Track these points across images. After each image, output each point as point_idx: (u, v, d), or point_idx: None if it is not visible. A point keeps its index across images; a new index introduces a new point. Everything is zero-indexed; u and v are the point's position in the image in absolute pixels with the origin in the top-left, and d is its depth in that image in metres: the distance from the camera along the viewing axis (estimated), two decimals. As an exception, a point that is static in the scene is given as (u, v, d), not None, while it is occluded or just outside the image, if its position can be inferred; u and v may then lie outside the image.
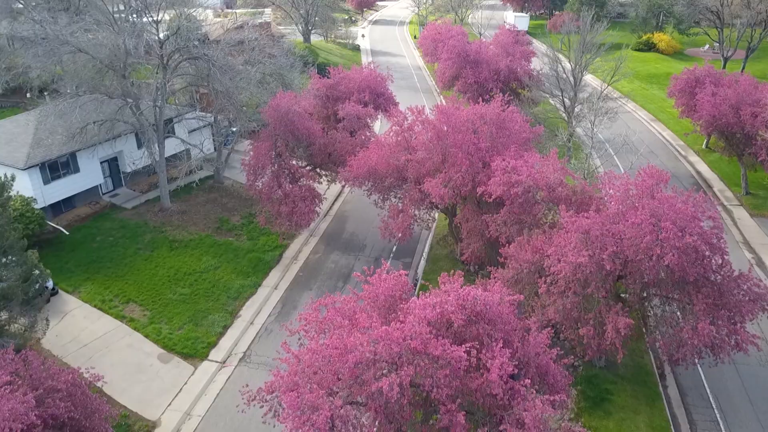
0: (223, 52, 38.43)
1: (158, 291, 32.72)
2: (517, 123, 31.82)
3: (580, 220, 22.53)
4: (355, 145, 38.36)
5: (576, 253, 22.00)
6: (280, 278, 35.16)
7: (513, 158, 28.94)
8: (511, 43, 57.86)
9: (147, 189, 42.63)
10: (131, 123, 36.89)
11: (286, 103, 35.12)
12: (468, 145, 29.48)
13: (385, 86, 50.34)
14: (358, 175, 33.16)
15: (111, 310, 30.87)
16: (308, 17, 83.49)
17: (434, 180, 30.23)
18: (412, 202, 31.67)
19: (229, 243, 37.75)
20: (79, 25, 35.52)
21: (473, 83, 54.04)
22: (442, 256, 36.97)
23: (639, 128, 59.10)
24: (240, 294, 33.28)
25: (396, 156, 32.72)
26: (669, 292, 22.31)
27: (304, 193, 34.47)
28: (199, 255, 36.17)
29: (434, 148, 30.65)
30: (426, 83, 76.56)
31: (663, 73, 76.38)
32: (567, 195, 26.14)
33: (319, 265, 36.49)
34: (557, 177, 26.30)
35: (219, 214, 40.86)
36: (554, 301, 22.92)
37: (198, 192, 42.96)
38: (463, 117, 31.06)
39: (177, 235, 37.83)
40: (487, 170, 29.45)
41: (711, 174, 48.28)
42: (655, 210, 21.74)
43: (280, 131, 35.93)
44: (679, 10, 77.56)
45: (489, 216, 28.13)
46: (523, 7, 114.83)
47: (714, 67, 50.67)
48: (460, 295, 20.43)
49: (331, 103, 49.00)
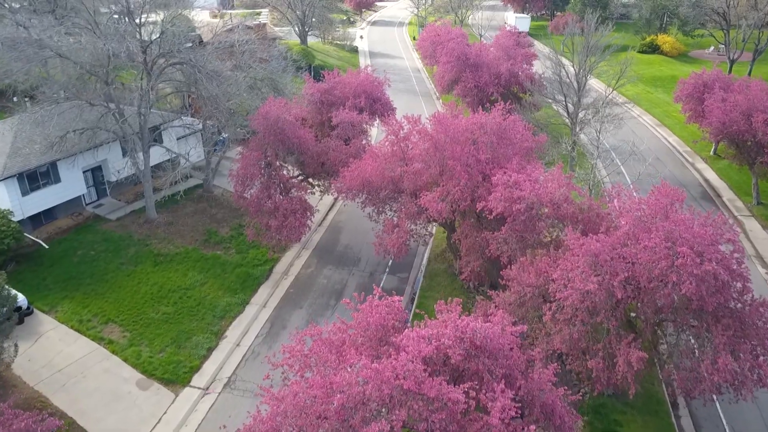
0: (211, 57, 36.73)
1: (140, 310, 30.96)
2: (518, 132, 30.06)
3: (588, 243, 20.77)
4: (350, 154, 36.66)
5: (584, 278, 20.25)
6: (270, 295, 33.41)
7: (515, 171, 27.22)
8: (512, 45, 56.11)
9: (133, 199, 40.87)
10: (114, 131, 35.09)
11: (275, 110, 33.37)
12: (467, 157, 27.74)
13: (382, 91, 48.61)
14: (351, 186, 31.43)
15: (88, 332, 29.10)
16: (305, 19, 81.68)
17: (431, 194, 28.49)
18: (408, 216, 29.93)
19: (216, 257, 35.99)
20: (57, 29, 33.69)
21: (473, 87, 52.28)
22: (440, 271, 35.21)
23: (644, 134, 57.36)
24: (226, 313, 31.52)
25: (391, 167, 30.99)
26: (685, 321, 20.54)
27: (295, 205, 32.72)
28: (184, 270, 34.41)
29: (431, 160, 28.91)
30: (425, 86, 74.84)
31: (667, 76, 74.69)
32: (573, 212, 24.40)
33: (310, 281, 34.72)
34: (562, 193, 24.55)
35: (207, 225, 39.09)
36: (560, 330, 21.17)
37: (186, 202, 41.18)
38: (461, 126, 29.31)
39: (162, 249, 36.07)
40: (488, 184, 27.72)
41: (720, 182, 46.52)
42: (670, 232, 19.99)
43: (270, 140, 34.19)
44: (684, 11, 75.76)
45: (489, 233, 26.38)
46: (524, 8, 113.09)
47: (722, 71, 48.90)
48: (458, 326, 18.70)
49: (325, 109, 47.27)
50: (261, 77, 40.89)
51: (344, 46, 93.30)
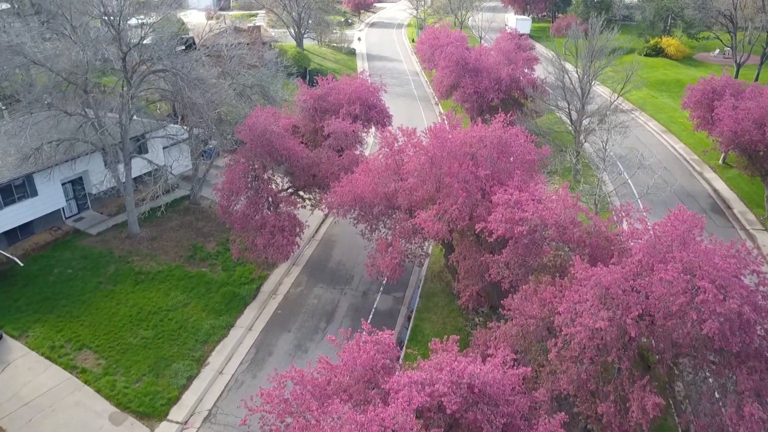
0: (197, 64, 34.82)
1: (117, 334, 29.06)
2: (520, 145, 28.16)
3: (598, 274, 18.86)
4: (343, 165, 34.78)
5: (593, 313, 18.35)
6: (256, 317, 31.50)
7: (516, 188, 25.33)
8: (512, 49, 54.19)
9: (115, 212, 38.97)
10: (93, 142, 33.19)
11: (263, 121, 31.46)
12: (465, 174, 25.83)
13: (378, 97, 46.67)
14: (342, 202, 29.53)
15: (60, 359, 27.20)
16: (300, 21, 79.75)
17: (427, 212, 26.59)
18: (403, 234, 28.03)
19: (201, 275, 34.07)
20: (32, 34, 31.79)
21: (473, 93, 50.37)
22: (438, 291, 33.28)
23: (650, 140, 55.44)
24: (209, 337, 29.61)
25: (385, 182, 29.10)
26: (705, 360, 18.63)
27: (283, 221, 30.81)
28: (166, 289, 32.51)
29: (427, 176, 27.01)
30: (423, 90, 72.91)
31: (672, 79, 72.77)
32: (580, 236, 22.49)
33: (300, 301, 32.80)
34: (568, 214, 22.64)
35: (193, 240, 37.18)
36: (567, 369, 19.26)
37: (171, 214, 39.29)
38: (459, 140, 27.43)
39: (144, 266, 34.16)
40: (487, 202, 25.83)
41: (730, 193, 44.57)
42: (689, 264, 18.09)
43: (257, 152, 32.27)
44: (689, 13, 73.77)
45: (489, 255, 24.47)
46: (525, 10, 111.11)
47: (732, 77, 46.94)
48: (455, 370, 16.81)
49: (318, 116, 45.33)
50: (250, 84, 38.95)
51: (341, 49, 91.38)
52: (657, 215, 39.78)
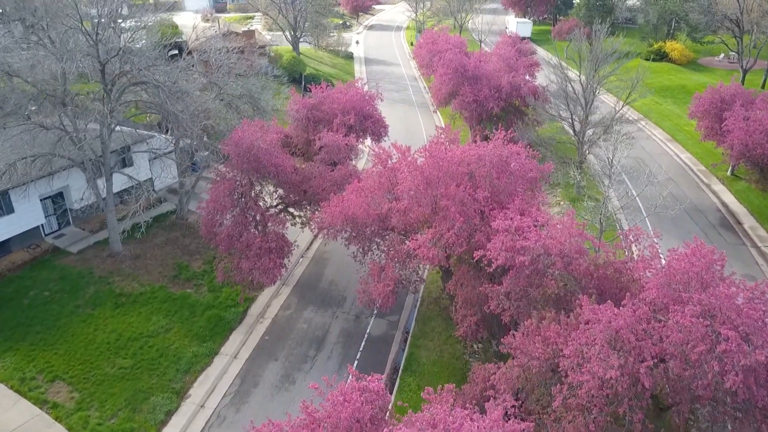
0: (183, 73, 33.09)
1: (93, 364, 27.35)
2: (521, 164, 26.44)
3: (608, 316, 17.13)
4: (335, 181, 33.10)
5: (602, 360, 16.63)
6: (242, 343, 29.79)
7: (518, 212, 23.62)
8: (513, 56, 52.45)
9: (98, 228, 37.24)
10: (71, 158, 31.47)
11: (249, 136, 29.73)
12: (462, 196, 24.11)
13: (374, 106, 44.99)
14: (333, 223, 27.80)
15: (31, 393, 25.47)
16: (296, 24, 78.02)
17: (422, 237, 24.87)
18: (397, 259, 26.30)
19: (186, 296, 32.36)
20: (9, 41, 30.10)
21: (472, 102, 48.63)
22: (435, 315, 31.55)
23: (655, 150, 53.72)
24: (192, 366, 27.90)
25: (378, 201, 27.40)
26: (727, 412, 16.91)
27: (270, 243, 29.07)
28: (148, 313, 30.79)
29: (422, 197, 25.27)
30: (422, 96, 71.18)
31: (677, 85, 71.03)
32: (587, 268, 20.77)
33: (289, 325, 31.10)
34: (574, 243, 20.92)
35: (178, 258, 35.48)
36: (573, 418, 17.53)
37: (157, 230, 37.56)
38: (456, 158, 25.69)
39: (125, 287, 32.45)
40: (486, 226, 24.11)
41: (739, 207, 42.80)
42: (708, 307, 16.37)
43: (244, 168, 30.55)
44: (694, 17, 72.06)
45: (489, 285, 22.74)
46: (526, 12, 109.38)
47: (741, 85, 45.23)
48: (450, 428, 15.07)
49: (311, 126, 43.70)
50: (239, 94, 37.22)
51: (339, 53, 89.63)
52: (666, 232, 38.22)
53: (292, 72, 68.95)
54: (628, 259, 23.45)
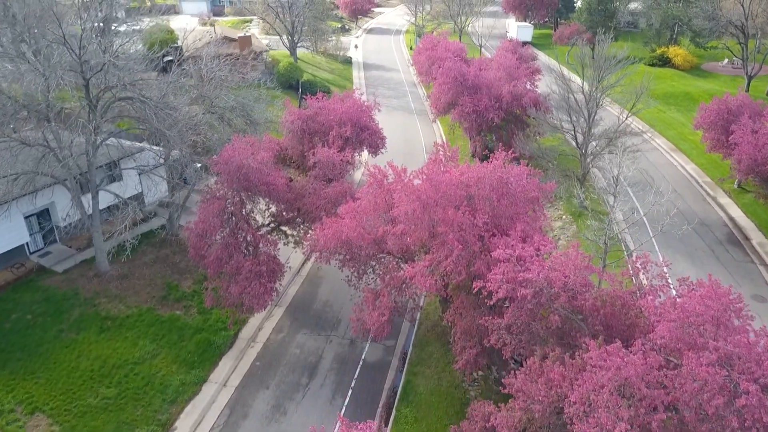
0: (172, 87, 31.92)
1: (75, 394, 26.17)
2: (522, 186, 25.26)
3: (616, 363, 15.92)
4: (330, 198, 31.92)
5: (610, 410, 15.43)
6: (232, 369, 28.63)
7: (519, 239, 22.45)
8: (514, 64, 51.23)
9: (85, 245, 36.01)
10: (54, 176, 30.28)
11: (240, 154, 28.52)
12: (461, 221, 22.92)
13: (371, 117, 43.88)
14: (326, 246, 26.61)
15: (8, 427, 24.30)
16: (294, 30, 76.80)
17: (418, 264, 23.70)
18: (393, 285, 25.11)
19: (174, 319, 31.18)
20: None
21: (471, 112, 47.44)
22: (433, 339, 30.33)
23: (659, 160, 52.47)
24: (179, 395, 26.73)
25: (373, 223, 26.22)
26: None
27: (261, 266, 27.86)
28: (135, 338, 29.61)
29: (419, 222, 24.08)
30: (421, 103, 69.89)
31: (681, 92, 69.82)
32: (593, 303, 19.58)
33: (281, 351, 29.90)
34: (579, 276, 19.72)
35: (168, 277, 34.29)
36: (579, 470, 16.33)
37: (146, 247, 36.37)
38: (454, 180, 24.50)
39: (111, 310, 31.26)
40: (486, 253, 22.94)
41: (747, 221, 41.57)
42: (725, 355, 15.17)
43: (234, 187, 29.36)
44: (698, 23, 70.83)
45: (489, 318, 21.54)
46: (527, 16, 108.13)
47: (749, 96, 44.03)
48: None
49: (307, 139, 42.58)
50: (231, 107, 36.04)
51: (337, 57, 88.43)
52: (672, 248, 37.02)
53: (289, 79, 67.84)
54: (635, 287, 22.25)
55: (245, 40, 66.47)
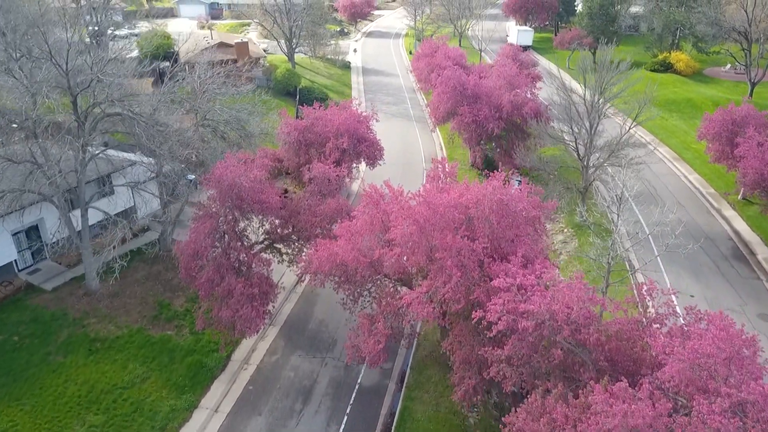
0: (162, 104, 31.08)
1: (62, 422, 25.33)
2: (523, 207, 24.41)
3: (623, 410, 15.07)
4: (326, 215, 31.10)
5: (618, 458, 14.59)
6: (224, 393, 27.78)
7: (521, 264, 21.63)
8: (514, 73, 50.36)
9: (75, 262, 35.15)
10: (42, 193, 29.42)
11: (232, 173, 27.66)
12: (460, 247, 22.08)
13: (369, 128, 43.14)
14: (321, 269, 25.77)
15: (-9, 458, 23.55)
16: (291, 35, 75.92)
17: (415, 290, 22.86)
18: (389, 310, 24.25)
19: (165, 340, 30.35)
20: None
21: (471, 122, 46.60)
22: (431, 362, 29.44)
23: (661, 170, 51.62)
24: (168, 422, 25.90)
25: (369, 245, 25.36)
26: None
27: (253, 288, 27.01)
28: (124, 361, 28.77)
29: (416, 246, 23.25)
30: (420, 110, 69.00)
31: (683, 98, 68.95)
32: (598, 338, 18.72)
33: (274, 374, 29.05)
34: (583, 309, 18.86)
35: (159, 296, 33.45)
36: None
37: (138, 263, 35.53)
38: (452, 201, 23.64)
39: (101, 331, 30.42)
40: (486, 279, 22.11)
41: (752, 236, 40.69)
42: (739, 402, 14.31)
43: (227, 205, 28.51)
44: (701, 29, 69.94)
45: (489, 349, 20.69)
46: (527, 20, 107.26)
47: (755, 107, 43.16)
48: None
49: (303, 150, 41.86)
50: (225, 119, 35.21)
51: (335, 62, 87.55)
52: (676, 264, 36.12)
53: (286, 85, 67.00)
54: (641, 315, 21.40)
55: (242, 46, 65.62)
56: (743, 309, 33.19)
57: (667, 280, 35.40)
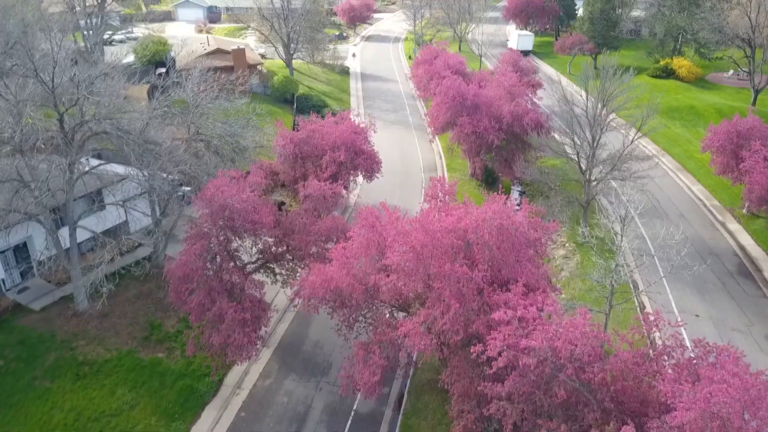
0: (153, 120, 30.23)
1: (46, 452, 24.51)
2: (524, 233, 23.55)
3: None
4: (321, 234, 30.29)
5: None
6: (215, 421, 26.93)
7: (522, 293, 20.78)
8: (515, 82, 49.49)
9: (65, 280, 34.27)
10: (28, 212, 28.58)
11: (223, 194, 26.77)
12: (458, 275, 21.22)
13: (366, 140, 42.28)
14: (314, 294, 24.91)
15: (-29, 493, 22.68)
16: (289, 41, 75.02)
17: (412, 319, 22.00)
18: (386, 340, 23.37)
19: (156, 363, 29.50)
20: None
21: (471, 133, 45.74)
22: (429, 388, 28.51)
23: (664, 181, 50.70)
24: (157, 453, 25.06)
25: (365, 269, 24.53)
26: None
27: (245, 313, 26.14)
28: (113, 385, 27.91)
29: (413, 273, 22.40)
30: (419, 117, 68.10)
31: (686, 105, 68.05)
32: (603, 378, 17.86)
33: (268, 399, 28.18)
34: (588, 346, 17.99)
35: (151, 315, 32.59)
36: None
37: (129, 281, 34.63)
38: (451, 226, 22.77)
39: (89, 353, 29.55)
40: (486, 309, 21.26)
41: (758, 251, 39.78)
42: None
43: (219, 225, 27.65)
44: (704, 36, 69.05)
45: (489, 384, 19.83)
46: (527, 23, 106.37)
47: (760, 119, 42.28)
48: None
49: (299, 164, 40.99)
50: (219, 134, 34.37)
51: (334, 68, 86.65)
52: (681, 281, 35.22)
53: (284, 93, 66.19)
54: (647, 347, 20.55)
55: (239, 53, 64.70)
56: (750, 330, 32.33)
57: (672, 299, 34.57)
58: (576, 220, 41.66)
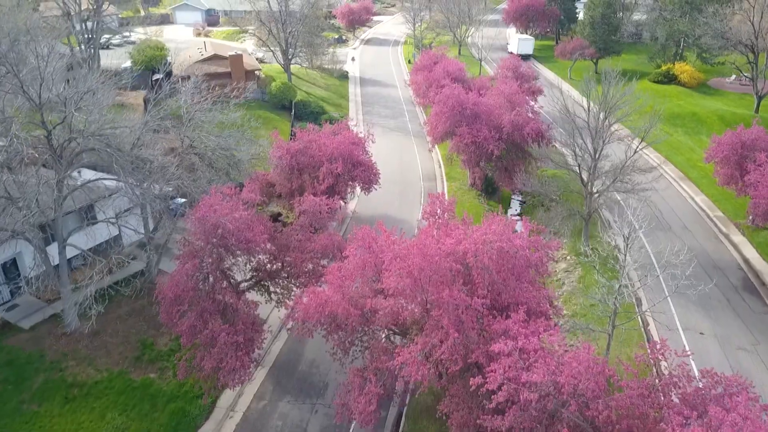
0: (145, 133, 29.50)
1: (32, 481, 23.79)
2: (525, 257, 22.84)
3: None
4: (317, 251, 29.58)
5: None
6: (208, 447, 26.23)
7: (521, 324, 20.06)
8: (515, 91, 48.76)
9: (55, 297, 33.51)
10: (15, 230, 27.82)
11: (215, 213, 26.03)
12: (457, 301, 20.50)
13: (364, 150, 41.74)
14: (308, 317, 24.17)
15: None
16: (287, 46, 74.26)
17: (411, 348, 21.26)
18: (383, 368, 22.63)
19: (147, 384, 28.77)
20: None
21: (470, 143, 45.00)
22: (427, 414, 27.73)
23: (667, 192, 49.85)
24: (147, 481, 24.34)
25: (361, 292, 23.83)
26: None
27: (238, 336, 25.39)
28: (102, 409, 27.20)
29: (410, 298, 21.69)
30: (419, 124, 67.30)
31: (688, 112, 67.18)
32: (608, 415, 17.12)
33: (261, 422, 27.45)
34: (591, 381, 17.26)
35: (143, 333, 31.86)
36: None
37: (121, 298, 33.86)
38: (449, 249, 22.06)
39: (79, 375, 28.84)
40: (485, 340, 20.54)
41: (763, 265, 39.01)
42: None
43: (211, 243, 26.91)
44: (707, 41, 68.29)
45: (489, 417, 19.09)
46: (528, 27, 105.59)
47: (765, 129, 41.51)
48: None
49: (296, 175, 40.38)
50: (213, 147, 33.64)
51: (333, 72, 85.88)
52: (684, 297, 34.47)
53: (282, 99, 65.44)
54: (652, 378, 19.83)
55: (236, 59, 63.96)
56: (756, 349, 31.58)
57: (676, 315, 33.83)
58: (578, 233, 40.94)
